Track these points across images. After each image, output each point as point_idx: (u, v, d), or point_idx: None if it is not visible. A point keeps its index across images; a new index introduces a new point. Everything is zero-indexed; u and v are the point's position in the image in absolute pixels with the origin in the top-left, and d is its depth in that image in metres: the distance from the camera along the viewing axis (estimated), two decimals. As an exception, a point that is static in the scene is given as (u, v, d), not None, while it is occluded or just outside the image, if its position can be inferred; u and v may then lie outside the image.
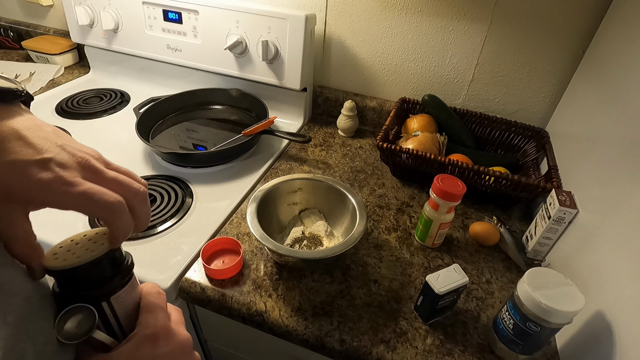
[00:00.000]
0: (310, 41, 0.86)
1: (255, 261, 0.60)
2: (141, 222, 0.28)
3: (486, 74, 0.84)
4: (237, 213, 0.69)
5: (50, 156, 0.24)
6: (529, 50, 0.78)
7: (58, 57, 1.14)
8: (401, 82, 0.92)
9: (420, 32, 0.84)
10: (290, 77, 0.87)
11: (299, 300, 0.55)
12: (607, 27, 0.68)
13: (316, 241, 0.61)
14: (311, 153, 0.87)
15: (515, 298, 0.45)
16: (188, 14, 0.89)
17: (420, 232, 0.64)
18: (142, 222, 0.29)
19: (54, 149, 0.25)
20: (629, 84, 0.54)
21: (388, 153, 0.73)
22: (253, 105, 0.93)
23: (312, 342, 0.51)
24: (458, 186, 0.58)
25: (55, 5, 1.17)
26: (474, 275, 0.60)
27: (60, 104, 0.96)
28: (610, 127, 0.56)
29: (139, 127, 0.79)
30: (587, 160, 0.60)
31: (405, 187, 0.78)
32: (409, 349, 0.50)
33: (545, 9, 0.73)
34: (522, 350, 0.47)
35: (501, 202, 0.74)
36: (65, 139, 0.26)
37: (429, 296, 0.49)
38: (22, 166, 0.23)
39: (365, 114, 0.97)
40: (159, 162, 0.79)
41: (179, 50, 0.94)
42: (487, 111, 0.88)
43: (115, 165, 0.29)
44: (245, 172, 0.78)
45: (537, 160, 0.79)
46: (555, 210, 0.57)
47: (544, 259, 0.62)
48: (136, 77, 1.07)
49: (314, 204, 0.66)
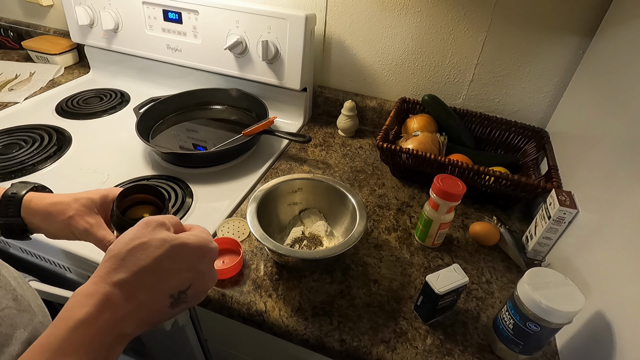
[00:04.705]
0: (310, 41, 0.86)
1: (255, 261, 0.60)
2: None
3: (486, 74, 0.84)
4: (237, 213, 0.69)
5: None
6: (529, 50, 0.78)
7: (58, 57, 1.14)
8: (401, 82, 0.92)
9: (420, 32, 0.84)
10: (290, 77, 0.87)
11: (299, 300, 0.55)
12: (607, 27, 0.68)
13: (316, 241, 0.61)
14: (311, 153, 0.87)
15: (515, 298, 0.45)
16: (188, 14, 0.89)
17: (420, 232, 0.64)
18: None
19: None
20: (629, 83, 0.54)
21: (388, 153, 0.73)
22: (253, 105, 0.93)
23: (312, 342, 0.51)
24: (458, 186, 0.58)
25: (55, 5, 1.17)
26: (474, 275, 0.60)
27: (60, 104, 0.97)
28: (610, 127, 0.56)
29: (139, 127, 0.79)
30: (587, 160, 0.60)
31: (405, 187, 0.78)
32: (409, 349, 0.50)
33: (545, 9, 0.73)
34: (522, 351, 0.47)
35: (501, 202, 0.74)
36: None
37: (429, 296, 0.49)
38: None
39: (365, 114, 0.97)
40: (159, 162, 0.79)
41: (179, 50, 0.94)
42: (487, 111, 0.88)
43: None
44: (245, 172, 0.78)
45: (537, 160, 0.79)
46: (555, 210, 0.57)
47: (544, 259, 0.62)
48: (136, 77, 1.07)
49: (314, 204, 0.66)
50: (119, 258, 0.31)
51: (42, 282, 0.58)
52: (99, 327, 0.28)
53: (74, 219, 0.41)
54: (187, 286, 0.33)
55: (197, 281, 0.34)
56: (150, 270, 0.31)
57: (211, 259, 0.35)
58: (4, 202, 0.42)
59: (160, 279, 0.31)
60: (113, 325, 0.29)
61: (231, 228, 0.64)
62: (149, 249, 0.31)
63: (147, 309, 0.31)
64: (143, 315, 0.31)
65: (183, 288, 0.33)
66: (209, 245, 0.35)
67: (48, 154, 0.78)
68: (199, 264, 0.34)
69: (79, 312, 0.28)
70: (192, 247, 0.33)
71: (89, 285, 0.30)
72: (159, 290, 0.31)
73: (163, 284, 0.31)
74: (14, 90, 1.01)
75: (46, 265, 0.67)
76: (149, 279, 0.31)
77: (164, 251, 0.32)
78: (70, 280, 0.67)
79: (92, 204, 0.43)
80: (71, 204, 0.42)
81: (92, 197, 0.43)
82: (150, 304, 0.31)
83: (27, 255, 0.68)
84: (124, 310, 0.29)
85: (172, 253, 0.32)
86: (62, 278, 0.67)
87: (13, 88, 1.02)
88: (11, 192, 0.42)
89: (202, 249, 0.34)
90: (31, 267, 0.69)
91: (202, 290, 0.35)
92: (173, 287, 0.32)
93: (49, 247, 0.62)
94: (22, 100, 0.97)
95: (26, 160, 0.75)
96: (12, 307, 0.33)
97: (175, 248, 0.32)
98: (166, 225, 0.34)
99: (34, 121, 0.88)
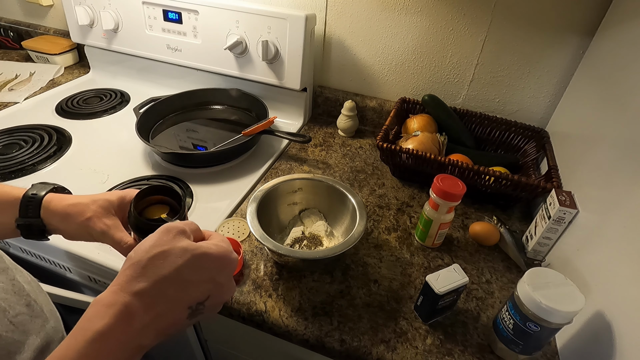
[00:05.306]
0: (310, 41, 0.86)
1: (255, 261, 0.60)
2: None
3: (486, 74, 0.84)
4: (237, 213, 0.69)
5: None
6: (529, 50, 0.78)
7: (58, 57, 1.14)
8: (401, 82, 0.92)
9: (420, 32, 0.84)
10: (290, 77, 0.87)
11: (299, 300, 0.55)
12: (607, 27, 0.68)
13: (316, 241, 0.61)
14: (311, 153, 0.87)
15: (515, 298, 0.45)
16: (188, 14, 0.89)
17: (420, 232, 0.64)
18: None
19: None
20: (629, 83, 0.54)
21: (388, 153, 0.73)
22: (253, 105, 0.93)
23: (312, 342, 0.51)
24: (458, 186, 0.58)
25: (55, 5, 1.17)
26: (474, 275, 0.60)
27: (60, 104, 0.96)
28: (610, 127, 0.56)
29: (139, 127, 0.79)
30: (587, 160, 0.60)
31: (405, 187, 0.78)
32: (409, 349, 0.50)
33: (545, 9, 0.73)
34: (522, 350, 0.47)
35: (501, 202, 0.74)
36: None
37: (429, 296, 0.49)
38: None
39: (365, 114, 0.97)
40: (159, 162, 0.79)
41: (179, 50, 0.94)
42: (487, 111, 0.88)
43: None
44: (245, 172, 0.78)
45: (537, 160, 0.79)
46: (555, 210, 0.57)
47: (544, 259, 0.62)
48: (136, 77, 1.07)
49: (314, 204, 0.66)
50: (139, 266, 0.30)
51: (42, 282, 0.58)
52: (118, 340, 0.28)
53: (91, 220, 0.41)
54: (205, 297, 0.32)
55: (215, 292, 0.33)
56: (171, 280, 0.30)
57: (231, 270, 0.35)
58: (24, 203, 0.42)
59: (180, 290, 0.31)
60: (132, 337, 0.28)
61: (231, 228, 0.65)
62: (170, 257, 0.31)
63: (166, 320, 0.30)
64: (161, 326, 0.30)
65: (201, 299, 0.32)
66: (230, 256, 0.34)
67: (48, 154, 0.78)
68: (218, 275, 0.33)
69: (97, 323, 0.27)
70: (213, 258, 0.33)
71: (109, 294, 0.29)
72: (178, 301, 0.31)
73: (183, 294, 0.31)
74: (14, 90, 1.01)
75: (46, 265, 0.67)
76: (169, 289, 0.30)
77: (185, 261, 0.31)
78: (70, 280, 0.67)
79: (109, 206, 0.43)
80: (89, 205, 0.42)
81: (109, 198, 0.43)
82: (169, 315, 0.31)
83: (27, 255, 0.68)
84: (142, 322, 0.29)
85: (193, 263, 0.32)
86: (62, 278, 0.67)
87: (13, 88, 1.02)
88: (31, 193, 0.42)
89: (223, 259, 0.34)
90: (31, 267, 0.69)
91: (220, 302, 0.34)
92: (192, 298, 0.32)
93: (50, 247, 0.62)
94: (22, 100, 0.97)
95: (26, 160, 0.75)
96: (26, 313, 0.33)
97: (197, 258, 0.32)
98: (187, 232, 0.34)
99: (34, 121, 0.88)
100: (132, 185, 0.71)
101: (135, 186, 0.71)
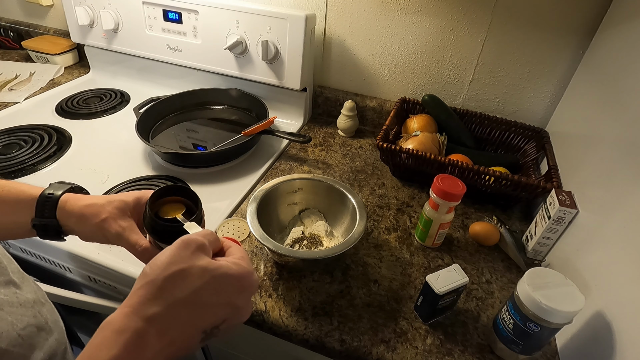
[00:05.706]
0: (310, 41, 0.86)
1: (255, 261, 0.60)
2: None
3: (486, 74, 0.84)
4: (237, 213, 0.69)
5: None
6: (529, 50, 0.78)
7: (58, 57, 1.14)
8: (401, 82, 0.92)
9: (420, 32, 0.84)
10: (290, 77, 0.87)
11: (299, 300, 0.55)
12: (607, 27, 0.68)
13: (316, 241, 0.61)
14: (311, 153, 0.87)
15: (515, 298, 0.45)
16: (188, 14, 0.89)
17: (420, 232, 0.64)
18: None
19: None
20: (629, 84, 0.54)
21: (388, 153, 0.73)
22: (253, 105, 0.93)
23: (312, 342, 0.51)
24: (458, 186, 0.58)
25: (55, 5, 1.17)
26: (474, 275, 0.60)
27: (60, 104, 0.97)
28: (610, 127, 0.56)
29: (139, 127, 0.79)
30: (587, 160, 0.60)
31: (405, 187, 0.78)
32: (409, 349, 0.50)
33: (545, 9, 0.73)
34: (522, 351, 0.47)
35: (501, 202, 0.74)
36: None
37: (429, 296, 0.49)
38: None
39: (365, 114, 0.97)
40: (159, 162, 0.79)
41: (179, 50, 0.94)
42: (487, 111, 0.88)
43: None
44: (245, 172, 0.78)
45: (537, 160, 0.79)
46: (555, 210, 0.57)
47: (544, 259, 0.62)
48: (136, 77, 1.07)
49: (314, 204, 0.66)
50: (154, 286, 0.28)
51: (42, 282, 0.58)
52: None
53: (107, 221, 0.40)
54: (221, 321, 0.31)
55: (232, 316, 0.31)
56: (187, 303, 0.29)
57: (250, 293, 0.33)
58: (40, 203, 0.41)
59: (196, 314, 0.29)
60: None
61: (231, 228, 0.65)
62: (188, 278, 0.29)
63: (177, 345, 0.29)
64: (172, 351, 0.29)
65: (217, 323, 0.30)
66: (251, 278, 0.32)
67: (48, 154, 0.78)
68: (237, 298, 0.31)
69: (106, 353, 0.26)
70: (233, 279, 0.31)
71: (120, 318, 0.28)
72: (193, 326, 0.29)
73: (198, 319, 0.29)
74: (14, 90, 1.01)
75: (46, 265, 0.67)
76: (184, 313, 0.29)
77: (204, 283, 0.29)
78: (70, 280, 0.67)
79: (125, 207, 0.42)
80: (105, 206, 0.41)
81: (125, 199, 0.42)
82: (182, 340, 0.29)
83: (27, 255, 0.68)
84: (154, 350, 0.27)
85: (212, 285, 0.30)
86: (62, 278, 0.67)
87: (13, 88, 1.02)
88: (48, 193, 0.41)
89: (243, 281, 0.32)
90: (31, 267, 0.69)
91: (235, 325, 0.32)
92: (207, 323, 0.30)
93: (50, 247, 0.62)
94: (22, 100, 0.97)
95: (26, 160, 0.75)
96: (33, 325, 0.32)
97: (216, 280, 0.30)
98: (206, 248, 0.32)
99: (34, 121, 0.88)
100: (132, 185, 0.71)
101: (135, 186, 0.71)
